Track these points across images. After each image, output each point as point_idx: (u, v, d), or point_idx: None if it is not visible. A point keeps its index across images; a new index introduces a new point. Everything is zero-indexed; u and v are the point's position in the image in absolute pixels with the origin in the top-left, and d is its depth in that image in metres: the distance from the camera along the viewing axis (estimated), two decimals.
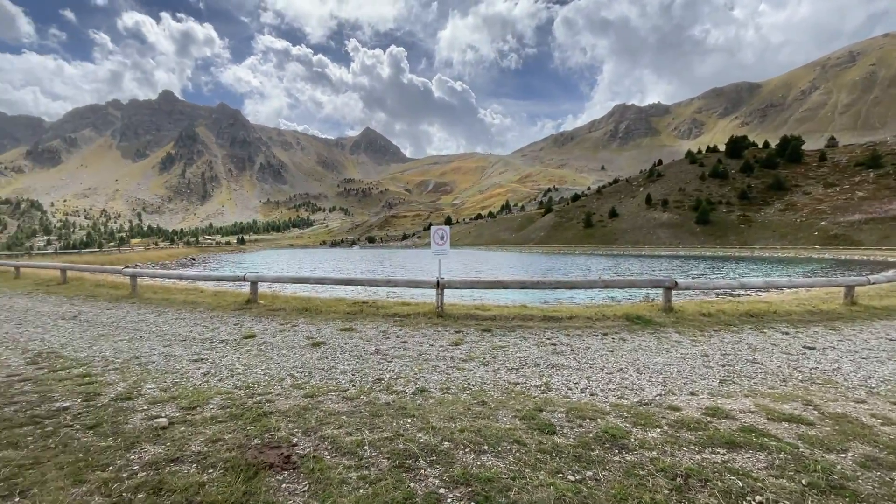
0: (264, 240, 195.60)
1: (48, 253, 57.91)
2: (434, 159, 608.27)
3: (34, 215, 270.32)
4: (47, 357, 5.59)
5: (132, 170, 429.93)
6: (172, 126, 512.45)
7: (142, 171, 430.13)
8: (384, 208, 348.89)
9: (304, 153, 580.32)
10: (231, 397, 4.20)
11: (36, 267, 16.49)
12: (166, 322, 7.80)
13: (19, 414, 3.78)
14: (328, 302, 9.57)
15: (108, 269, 12.76)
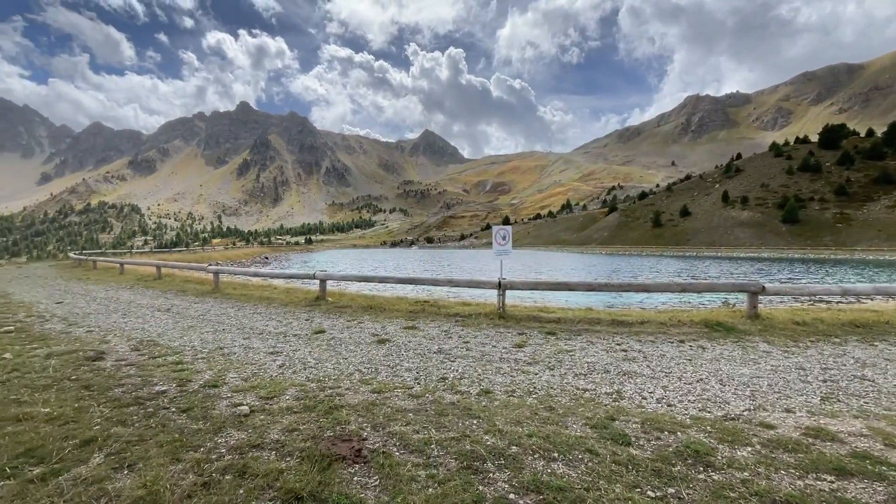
0: (329, 240, 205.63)
1: (145, 251, 64.95)
2: (492, 159, 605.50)
3: (134, 218, 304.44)
4: (147, 345, 6.22)
5: (214, 176, 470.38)
6: (248, 134, 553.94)
7: (222, 176, 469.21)
8: (442, 209, 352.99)
9: (366, 156, 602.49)
10: (304, 389, 4.41)
11: (136, 264, 18.53)
12: (245, 316, 8.39)
13: (126, 395, 4.23)
14: (391, 300, 9.81)
15: (194, 266, 14.08)
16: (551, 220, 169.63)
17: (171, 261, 21.97)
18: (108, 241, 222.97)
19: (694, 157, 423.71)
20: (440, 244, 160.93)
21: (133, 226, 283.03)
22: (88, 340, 6.49)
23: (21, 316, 8.58)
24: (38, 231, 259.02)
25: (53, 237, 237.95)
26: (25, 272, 21.28)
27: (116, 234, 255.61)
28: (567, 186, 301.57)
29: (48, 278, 17.38)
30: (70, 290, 13.00)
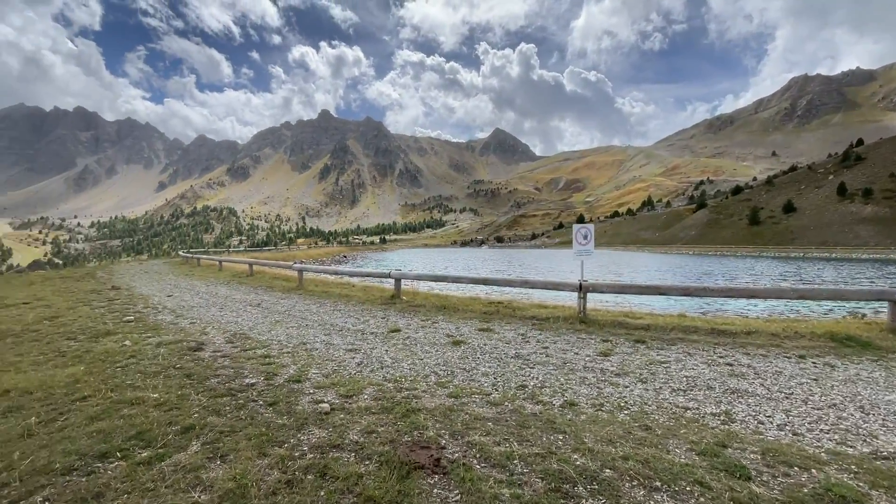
0: (402, 240, 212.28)
1: (240, 250, 71.65)
2: (565, 155, 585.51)
3: (231, 220, 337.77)
4: (239, 338, 6.66)
5: (299, 180, 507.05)
6: (329, 140, 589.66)
7: (305, 180, 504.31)
8: (513, 208, 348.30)
9: (437, 157, 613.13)
10: (382, 389, 4.39)
11: (232, 262, 20.35)
12: (325, 312, 8.73)
13: (220, 386, 4.49)
14: (464, 300, 9.69)
15: (281, 264, 15.14)
16: (630, 218, 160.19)
17: (262, 259, 23.85)
18: (209, 240, 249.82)
19: (800, 145, 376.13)
20: (510, 244, 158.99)
21: (230, 227, 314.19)
22: (191, 331, 7.11)
23: (140, 307, 9.70)
24: (156, 232, 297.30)
25: (167, 237, 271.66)
26: (145, 268, 24.32)
27: (217, 234, 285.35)
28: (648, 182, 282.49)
29: (162, 274, 19.67)
30: (178, 284, 14.54)
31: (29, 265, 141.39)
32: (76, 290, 13.04)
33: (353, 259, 62.16)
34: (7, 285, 15.33)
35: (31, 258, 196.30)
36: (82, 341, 6.38)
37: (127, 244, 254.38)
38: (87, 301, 10.55)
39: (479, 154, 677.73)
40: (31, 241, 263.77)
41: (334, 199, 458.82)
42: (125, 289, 13.20)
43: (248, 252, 61.57)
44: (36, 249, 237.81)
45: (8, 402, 4.00)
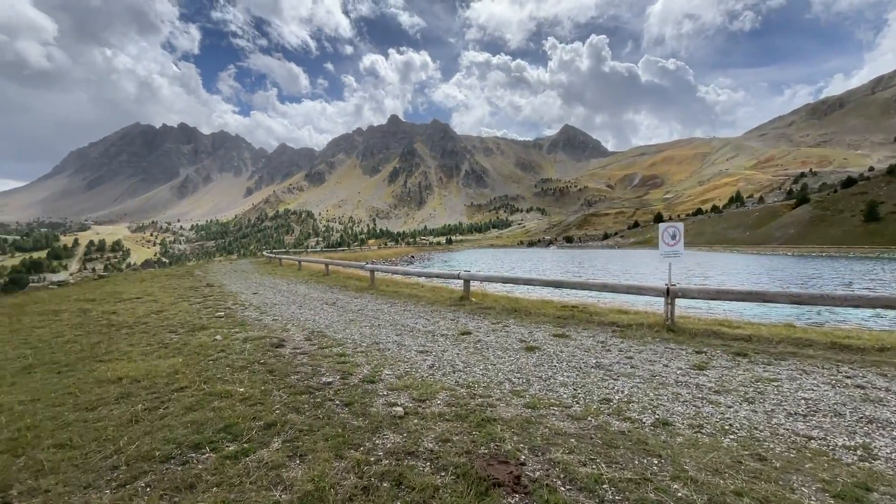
0: (468, 240, 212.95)
1: (316, 251, 76.10)
2: (640, 150, 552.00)
3: (309, 222, 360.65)
4: (317, 336, 6.90)
5: (369, 183, 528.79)
6: (397, 144, 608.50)
7: (375, 184, 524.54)
8: (582, 206, 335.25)
9: (503, 157, 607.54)
10: (455, 395, 4.26)
11: (309, 262, 21.54)
12: (396, 312, 8.84)
13: (299, 383, 4.63)
14: (536, 303, 9.32)
15: (354, 264, 15.73)
16: (716, 215, 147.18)
17: (336, 259, 25.00)
18: (290, 241, 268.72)
19: None
20: (581, 244, 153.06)
21: (308, 229, 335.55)
22: (274, 328, 7.51)
23: (229, 303, 10.49)
24: (244, 234, 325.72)
25: (254, 238, 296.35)
26: (234, 267, 26.56)
27: (296, 235, 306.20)
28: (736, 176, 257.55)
29: (248, 273, 21.31)
30: (263, 283, 15.63)
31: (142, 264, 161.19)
32: (177, 286, 14.48)
33: (420, 259, 63.37)
34: (125, 281, 17.46)
35: (144, 257, 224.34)
36: (181, 334, 6.98)
37: (220, 245, 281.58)
38: (186, 297, 11.64)
39: (546, 152, 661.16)
40: (145, 242, 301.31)
41: (402, 200, 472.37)
42: (217, 286, 14.42)
43: (324, 252, 65.24)
44: (148, 249, 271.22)
45: (120, 389, 4.41)
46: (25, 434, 3.45)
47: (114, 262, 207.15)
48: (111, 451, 3.16)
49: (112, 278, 21.95)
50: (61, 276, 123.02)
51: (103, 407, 3.99)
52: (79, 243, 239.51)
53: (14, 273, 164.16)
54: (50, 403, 4.08)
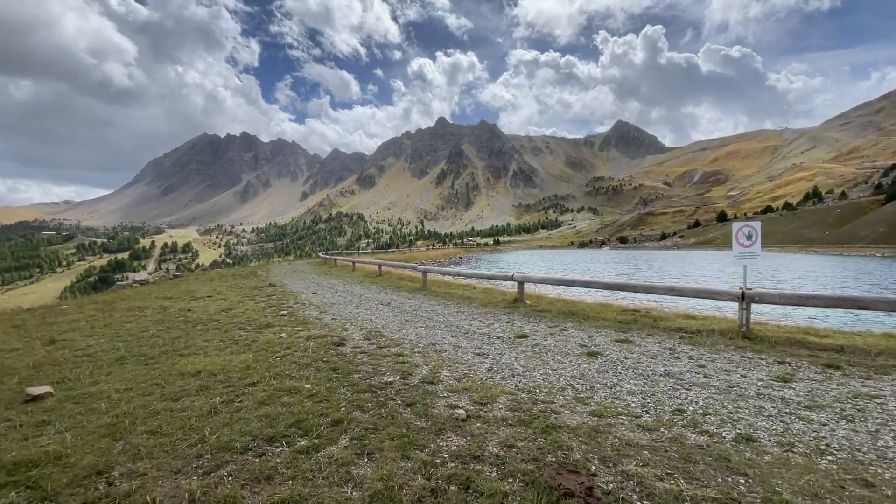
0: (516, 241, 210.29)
1: (367, 252, 78.29)
2: (701, 145, 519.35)
3: (360, 224, 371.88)
4: (374, 335, 7.05)
5: (417, 186, 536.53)
6: (445, 146, 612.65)
7: (423, 186, 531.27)
8: (637, 206, 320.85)
9: (552, 156, 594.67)
10: (516, 399, 4.18)
11: (363, 263, 22.17)
12: (450, 314, 8.86)
13: (362, 381, 4.74)
14: (594, 307, 9.00)
15: (406, 265, 15.99)
16: (789, 213, 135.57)
17: (386, 260, 25.57)
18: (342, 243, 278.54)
19: None
20: (636, 244, 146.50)
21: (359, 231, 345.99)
22: (333, 327, 7.76)
23: (291, 303, 11.00)
24: (300, 236, 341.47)
25: (309, 240, 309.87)
26: (293, 268, 27.88)
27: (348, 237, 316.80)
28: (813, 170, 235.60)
29: (306, 273, 22.27)
30: (320, 283, 16.26)
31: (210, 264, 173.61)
32: (243, 286, 15.39)
33: (467, 260, 63.38)
34: (196, 281, 18.82)
35: (210, 258, 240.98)
36: (249, 332, 7.39)
37: (278, 246, 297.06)
38: (251, 296, 12.33)
39: (598, 150, 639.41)
40: (211, 244, 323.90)
41: (450, 202, 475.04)
42: (279, 286, 15.17)
43: (375, 253, 67.01)
44: (214, 251, 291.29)
45: (199, 381, 4.73)
46: (123, 420, 3.77)
47: (184, 263, 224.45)
48: (195, 440, 3.38)
49: (185, 278, 23.74)
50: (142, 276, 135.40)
51: (186, 398, 4.29)
52: (155, 245, 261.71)
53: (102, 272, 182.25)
54: (140, 393, 4.44)
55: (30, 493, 2.76)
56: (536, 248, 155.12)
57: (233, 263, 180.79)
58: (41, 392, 4.41)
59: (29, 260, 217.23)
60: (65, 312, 10.36)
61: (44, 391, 4.43)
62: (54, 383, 4.82)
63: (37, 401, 4.33)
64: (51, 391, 4.49)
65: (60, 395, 4.43)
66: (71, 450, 3.25)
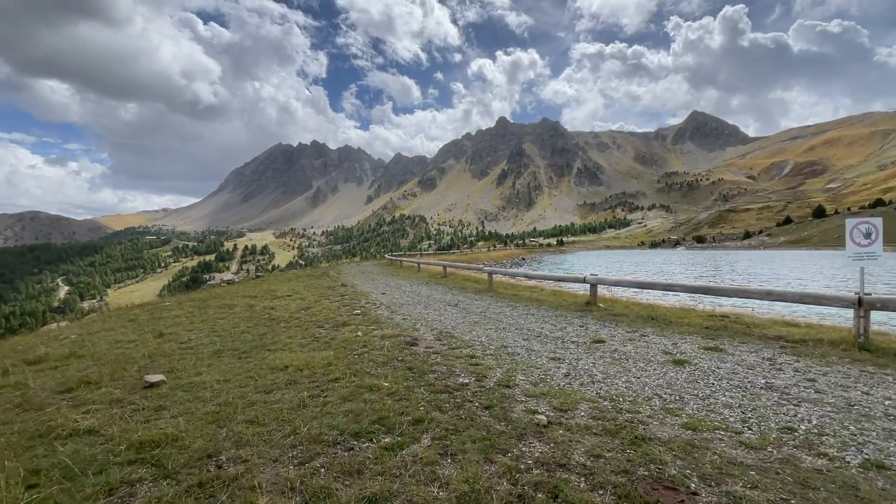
0: (580, 241, 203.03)
1: (429, 253, 79.49)
2: (792, 133, 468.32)
3: (422, 226, 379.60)
4: (445, 336, 7.12)
5: (477, 187, 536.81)
6: (506, 146, 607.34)
7: (484, 187, 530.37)
8: (716, 202, 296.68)
9: (619, 152, 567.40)
10: (598, 407, 4.01)
11: (428, 264, 22.57)
12: (519, 316, 8.72)
13: (437, 382, 4.79)
14: (675, 311, 8.43)
15: (471, 266, 16.03)
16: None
17: (449, 261, 25.80)
18: (405, 244, 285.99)
19: None
20: (715, 244, 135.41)
21: (421, 232, 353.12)
22: (405, 326, 7.95)
23: (363, 302, 11.44)
24: (365, 238, 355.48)
25: (373, 242, 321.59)
26: (361, 269, 29.05)
27: (410, 239, 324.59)
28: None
29: (374, 274, 23.08)
30: (388, 283, 16.77)
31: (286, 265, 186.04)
32: (317, 286, 16.27)
33: (530, 261, 62.27)
34: (276, 281, 20.22)
35: (285, 260, 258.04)
36: (328, 329, 7.78)
37: (345, 248, 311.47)
38: (326, 296, 13.00)
39: (671, 143, 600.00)
40: (285, 246, 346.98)
41: (511, 202, 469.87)
42: (350, 286, 15.85)
43: (437, 254, 67.98)
44: (288, 253, 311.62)
45: (287, 376, 5.04)
46: (225, 408, 4.11)
47: (262, 264, 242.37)
48: (289, 431, 3.60)
49: (266, 278, 25.61)
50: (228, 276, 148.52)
51: (276, 391, 4.59)
52: (237, 248, 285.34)
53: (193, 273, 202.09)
54: (237, 385, 4.82)
55: (154, 469, 3.08)
56: (603, 249, 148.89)
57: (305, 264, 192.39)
58: (156, 380, 4.95)
59: (135, 261, 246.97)
60: (168, 309, 11.57)
61: (158, 379, 4.97)
62: (165, 372, 5.39)
63: (153, 387, 4.86)
64: (164, 379, 5.02)
65: (171, 383, 4.94)
66: (184, 433, 3.59)
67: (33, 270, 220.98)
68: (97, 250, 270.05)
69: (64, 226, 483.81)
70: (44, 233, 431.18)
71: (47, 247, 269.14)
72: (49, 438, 3.63)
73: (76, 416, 4.03)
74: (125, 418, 4.00)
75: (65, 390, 4.89)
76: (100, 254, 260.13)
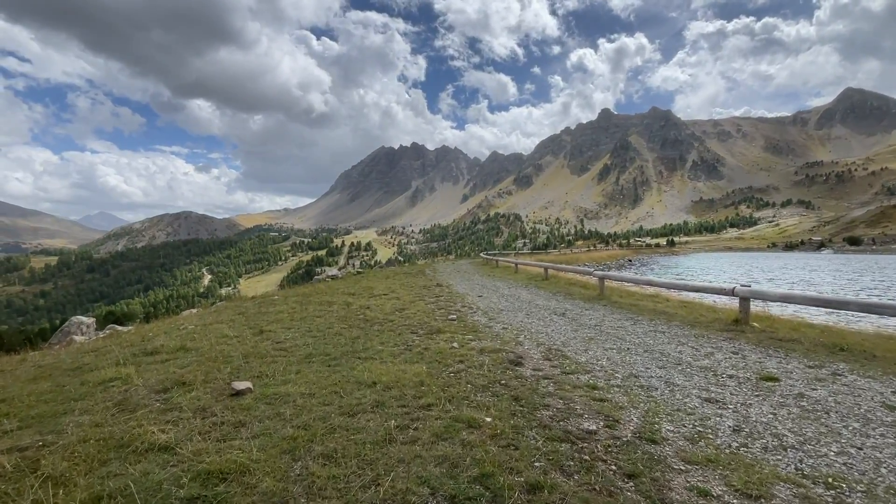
0: (695, 241, 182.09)
1: (524, 252, 77.20)
2: None
3: (517, 224, 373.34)
4: (555, 355, 5.99)
5: (577, 183, 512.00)
6: (608, 140, 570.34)
7: (584, 183, 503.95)
8: (877, 196, 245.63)
9: (745, 141, 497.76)
10: (807, 497, 2.64)
11: (526, 265, 21.25)
12: (645, 333, 7.20)
13: (553, 423, 3.74)
14: (875, 340, 6.24)
15: (579, 269, 14.43)
16: None
17: (546, 261, 24.09)
18: (499, 243, 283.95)
19: None
20: (876, 247, 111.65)
21: (516, 231, 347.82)
22: (506, 338, 6.97)
23: (458, 305, 10.70)
24: (460, 236, 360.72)
25: (468, 240, 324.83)
26: (456, 267, 28.66)
27: (504, 237, 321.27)
28: None
29: (469, 273, 22.43)
30: (485, 285, 15.91)
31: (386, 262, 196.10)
32: (413, 285, 16.01)
33: (637, 264, 57.11)
34: (375, 278, 20.59)
35: (386, 256, 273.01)
36: (421, 336, 7.12)
37: (441, 246, 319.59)
38: (421, 296, 12.54)
39: (814, 127, 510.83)
40: (387, 243, 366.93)
41: (614, 199, 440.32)
42: (445, 287, 15.30)
43: (534, 254, 65.62)
44: (388, 250, 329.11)
45: (375, 395, 4.39)
46: (303, 433, 3.55)
47: (365, 259, 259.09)
48: (370, 480, 2.87)
49: (366, 274, 26.47)
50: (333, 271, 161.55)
51: (361, 414, 3.95)
52: (344, 244, 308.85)
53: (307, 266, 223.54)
54: (321, 401, 4.28)
55: None
56: (724, 251, 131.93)
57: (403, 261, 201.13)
58: (243, 388, 4.63)
59: (261, 255, 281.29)
60: (275, 303, 12.04)
61: (245, 387, 4.65)
62: (255, 377, 5.11)
63: (239, 396, 4.54)
64: (250, 387, 4.69)
65: (257, 392, 4.58)
66: (255, 465, 3.06)
67: (186, 261, 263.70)
68: (232, 245, 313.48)
69: (208, 223, 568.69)
70: (194, 229, 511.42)
71: (196, 241, 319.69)
72: (126, 452, 3.35)
73: (160, 427, 3.77)
74: (204, 434, 3.64)
75: (161, 390, 4.80)
76: (234, 248, 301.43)
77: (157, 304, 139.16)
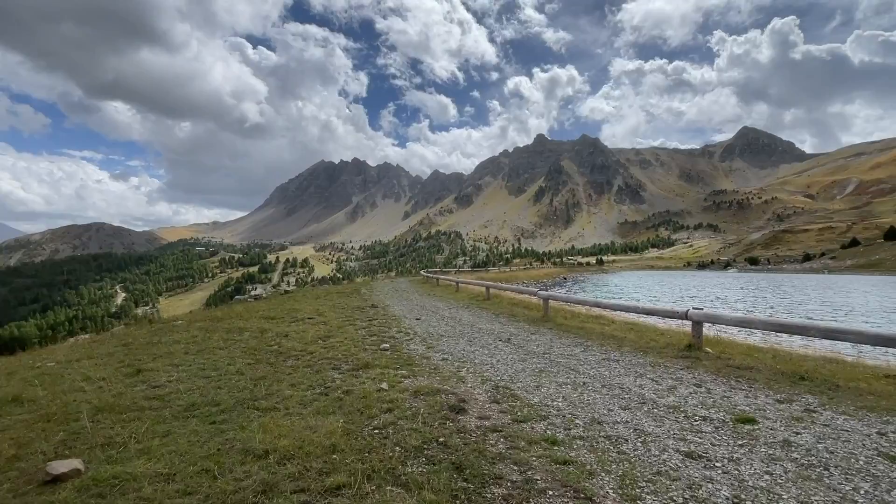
0: (621, 260, 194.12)
1: (465, 270, 77.31)
2: (856, 150, 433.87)
3: (457, 242, 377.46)
4: (504, 395, 5.04)
5: (514, 204, 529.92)
6: (543, 163, 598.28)
7: (521, 204, 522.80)
8: (770, 221, 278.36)
9: (663, 169, 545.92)
10: None
11: (467, 283, 20.50)
12: (598, 363, 6.50)
13: (510, 499, 2.75)
14: (832, 367, 5.96)
15: (523, 289, 13.86)
16: None
17: (486, 279, 23.61)
18: (440, 260, 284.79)
19: None
20: (771, 266, 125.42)
21: (457, 249, 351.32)
22: (446, 374, 5.95)
23: (393, 331, 9.54)
24: (401, 253, 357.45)
25: (409, 258, 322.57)
26: (395, 286, 27.34)
27: (445, 255, 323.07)
28: None
29: (408, 292, 21.26)
30: (424, 306, 14.84)
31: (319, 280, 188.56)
32: (345, 306, 14.57)
33: (572, 282, 59.03)
34: (303, 298, 18.76)
35: (323, 272, 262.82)
36: (345, 374, 5.90)
37: (381, 263, 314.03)
38: (352, 320, 11.21)
39: (718, 160, 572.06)
40: (325, 259, 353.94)
41: (548, 220, 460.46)
42: (381, 308, 14.04)
43: (474, 272, 65.68)
44: (326, 266, 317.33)
45: (265, 473, 3.14)
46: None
47: (301, 276, 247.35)
48: None
49: (293, 294, 24.35)
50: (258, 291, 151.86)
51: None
52: (279, 260, 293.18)
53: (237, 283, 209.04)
54: (181, 489, 2.96)
55: None
56: (646, 269, 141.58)
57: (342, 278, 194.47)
58: (66, 470, 3.17)
59: (185, 271, 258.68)
60: (175, 329, 10.12)
61: (69, 469, 3.19)
62: (94, 448, 3.64)
63: (57, 482, 3.09)
64: (79, 468, 3.24)
65: (87, 477, 3.15)
66: None
67: (96, 277, 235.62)
68: (152, 260, 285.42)
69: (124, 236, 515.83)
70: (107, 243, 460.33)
71: (109, 256, 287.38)
72: None
73: None
74: None
75: None
76: (154, 263, 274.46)
77: (56, 327, 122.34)
